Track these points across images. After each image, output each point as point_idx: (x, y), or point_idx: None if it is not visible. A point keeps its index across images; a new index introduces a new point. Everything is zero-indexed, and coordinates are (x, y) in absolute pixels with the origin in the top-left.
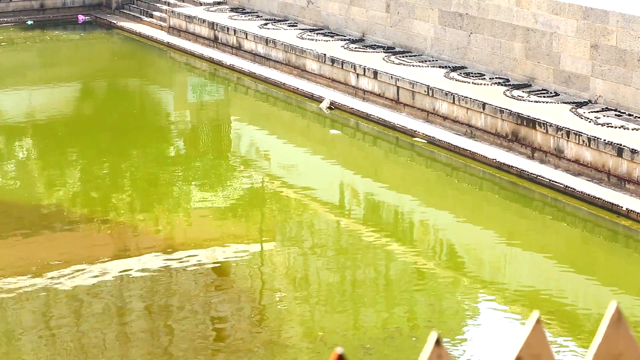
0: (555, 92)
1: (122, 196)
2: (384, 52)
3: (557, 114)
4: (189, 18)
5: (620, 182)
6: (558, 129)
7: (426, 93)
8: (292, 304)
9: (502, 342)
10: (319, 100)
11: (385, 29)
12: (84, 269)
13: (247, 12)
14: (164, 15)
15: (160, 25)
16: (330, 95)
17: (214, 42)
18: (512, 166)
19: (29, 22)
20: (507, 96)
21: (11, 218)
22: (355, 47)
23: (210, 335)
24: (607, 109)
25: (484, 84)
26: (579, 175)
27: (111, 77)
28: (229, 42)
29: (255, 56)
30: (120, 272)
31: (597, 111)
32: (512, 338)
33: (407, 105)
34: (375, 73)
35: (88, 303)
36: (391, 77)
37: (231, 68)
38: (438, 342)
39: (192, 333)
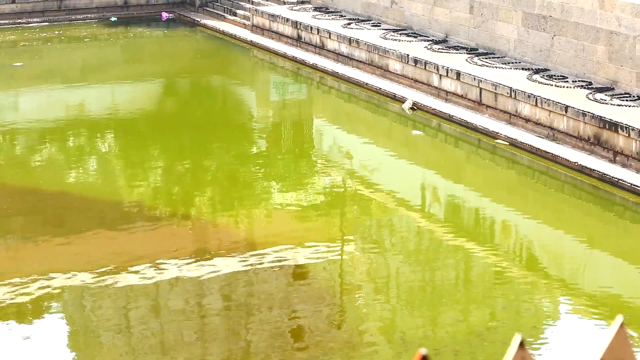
0: (638, 96)
1: (203, 193)
2: (467, 54)
3: (639, 117)
4: (273, 17)
5: None
6: None
7: (509, 95)
8: (372, 304)
9: (583, 345)
10: (402, 100)
11: (468, 30)
12: (164, 266)
13: (331, 12)
14: (247, 13)
15: (243, 24)
16: (412, 95)
17: (297, 41)
18: (593, 169)
19: (113, 19)
20: (590, 99)
21: (93, 214)
22: (438, 48)
23: (289, 335)
24: None
25: (567, 87)
26: None
27: (194, 74)
28: (312, 41)
29: (338, 56)
30: (201, 269)
31: None
32: (592, 341)
33: (489, 107)
34: (458, 74)
35: (168, 299)
36: (474, 78)
37: (314, 67)
38: (522, 345)
39: (271, 332)
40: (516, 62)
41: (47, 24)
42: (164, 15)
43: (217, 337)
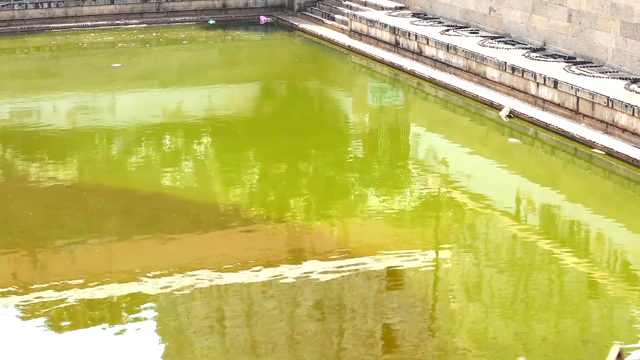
0: None
1: (298, 198)
2: (565, 62)
3: None
4: (371, 22)
5: None
6: None
7: (606, 104)
8: (465, 311)
9: None
10: (498, 108)
11: (566, 38)
12: (258, 269)
13: (429, 18)
14: (345, 18)
15: (341, 29)
16: (509, 103)
17: (395, 46)
18: None
19: (211, 22)
20: None
21: (187, 216)
22: (536, 56)
23: (381, 340)
24: None
25: None
26: None
27: (291, 78)
28: (410, 47)
29: (435, 62)
30: (294, 273)
31: None
32: None
33: (586, 116)
34: (556, 83)
35: (261, 302)
36: (571, 87)
37: (411, 73)
38: (620, 356)
39: (363, 337)
40: (614, 72)
41: (145, 25)
42: (262, 19)
43: (308, 341)
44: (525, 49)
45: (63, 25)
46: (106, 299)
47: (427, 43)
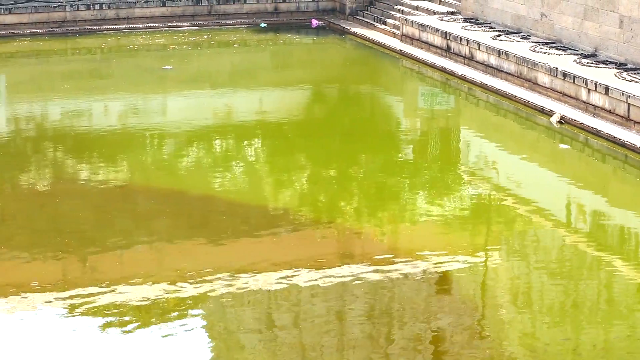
0: None
1: (348, 201)
2: (616, 68)
3: None
4: (422, 27)
5: None
6: None
7: None
8: (514, 317)
9: None
10: (549, 114)
11: (617, 44)
12: (307, 272)
13: (481, 23)
14: (397, 22)
15: (393, 33)
16: (560, 109)
17: (446, 51)
18: None
19: (263, 25)
20: None
21: (237, 218)
22: (587, 62)
23: (429, 346)
24: None
25: None
26: None
27: (342, 82)
28: (461, 52)
29: (487, 67)
30: (343, 276)
31: None
32: None
33: (637, 122)
34: (607, 89)
35: (309, 306)
36: (622, 93)
37: (462, 78)
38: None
39: (411, 342)
40: None
41: (196, 28)
42: (314, 22)
43: (357, 345)
44: (577, 55)
45: (114, 27)
46: (155, 301)
47: (479, 48)
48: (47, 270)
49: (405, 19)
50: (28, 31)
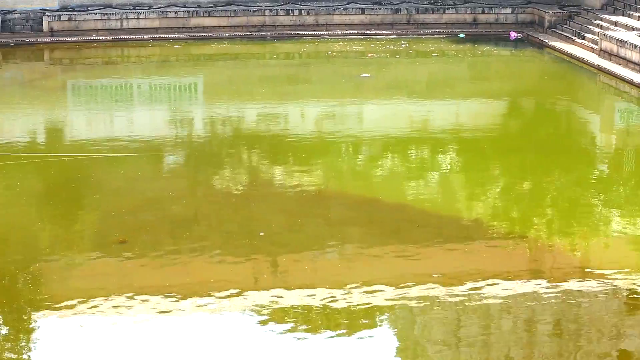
0: None
1: (540, 215)
2: None
3: None
4: (621, 42)
5: None
6: None
7: None
8: None
9: None
10: None
11: None
12: (496, 284)
13: None
14: (595, 37)
15: (591, 48)
16: None
17: None
18: None
19: (461, 35)
20: None
21: (430, 228)
22: None
23: None
24: None
25: None
26: None
27: (539, 95)
28: None
29: None
30: (532, 290)
31: None
32: None
33: None
34: None
35: (497, 318)
36: None
37: None
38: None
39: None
40: None
41: (394, 36)
42: (512, 34)
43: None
44: None
45: (313, 32)
46: (343, 307)
47: None
48: (237, 271)
49: (604, 34)
50: (227, 34)
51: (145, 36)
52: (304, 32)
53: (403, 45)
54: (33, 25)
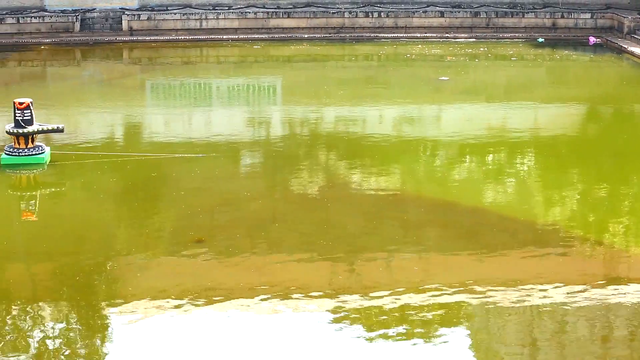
0: None
1: (617, 222)
2: None
3: None
4: None
5: None
6: None
7: None
8: None
9: None
10: None
11: None
12: (570, 291)
13: None
14: None
15: None
16: None
17: None
18: None
19: (540, 40)
20: None
21: (506, 232)
22: None
23: None
24: None
25: None
26: None
27: (617, 101)
28: None
29: None
30: (607, 298)
31: None
32: None
33: None
34: None
35: (572, 325)
36: None
37: None
38: None
39: None
40: None
41: (473, 40)
42: (592, 39)
43: None
44: None
45: (392, 35)
46: (416, 310)
47: None
48: (312, 273)
49: None
50: (306, 35)
51: (224, 36)
52: (382, 35)
53: (482, 49)
54: (112, 24)
